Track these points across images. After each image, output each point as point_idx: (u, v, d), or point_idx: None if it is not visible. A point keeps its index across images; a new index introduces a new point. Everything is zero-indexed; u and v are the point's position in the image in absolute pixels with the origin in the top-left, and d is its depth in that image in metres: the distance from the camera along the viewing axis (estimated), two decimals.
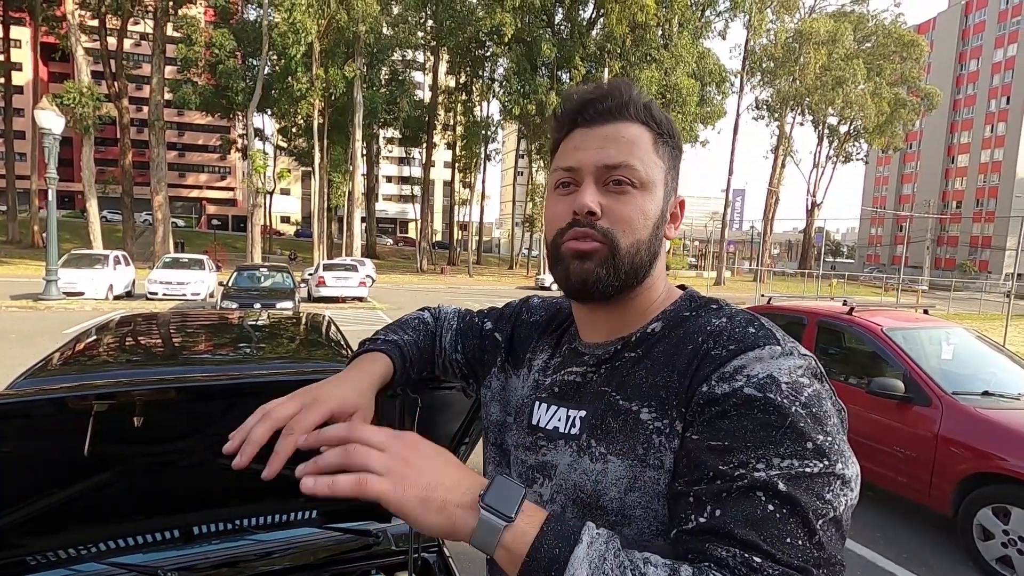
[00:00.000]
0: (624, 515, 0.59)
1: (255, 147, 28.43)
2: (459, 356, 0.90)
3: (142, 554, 1.28)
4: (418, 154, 44.75)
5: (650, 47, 31.10)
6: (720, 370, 0.57)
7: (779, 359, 0.56)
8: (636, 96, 0.68)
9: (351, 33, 27.97)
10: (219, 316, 3.79)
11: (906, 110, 39.60)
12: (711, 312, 0.66)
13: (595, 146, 0.66)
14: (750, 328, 0.61)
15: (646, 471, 0.58)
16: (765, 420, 0.53)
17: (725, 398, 0.55)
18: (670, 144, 0.69)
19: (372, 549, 1.55)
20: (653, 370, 0.63)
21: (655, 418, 0.59)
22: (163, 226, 26.44)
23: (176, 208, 50.99)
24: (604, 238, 0.65)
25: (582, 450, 0.63)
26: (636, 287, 0.68)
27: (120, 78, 27.79)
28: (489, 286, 29.97)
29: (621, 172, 0.65)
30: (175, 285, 15.11)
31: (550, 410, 0.69)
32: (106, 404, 0.82)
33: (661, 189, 0.67)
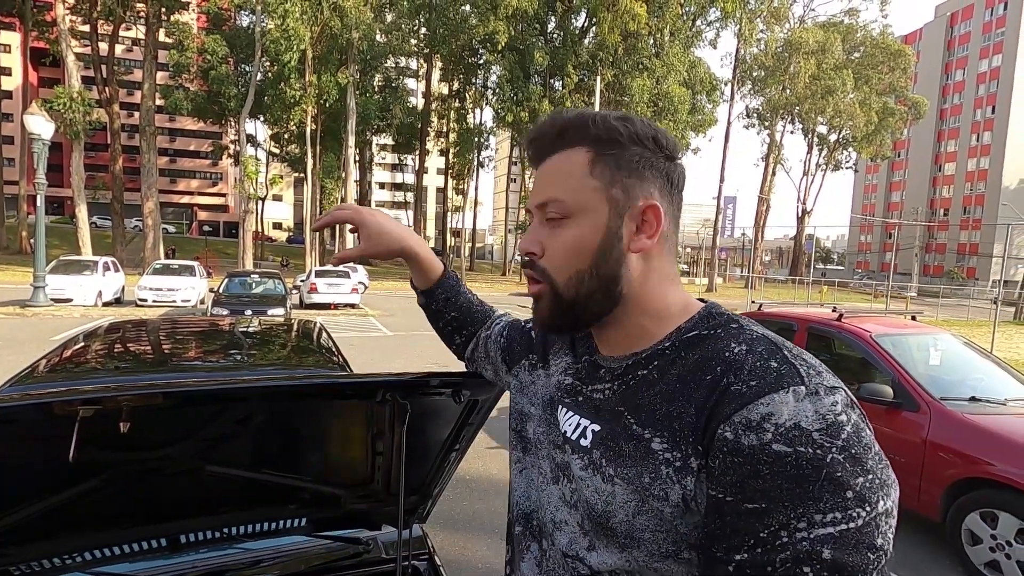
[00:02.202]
0: (633, 538, 0.60)
1: (247, 153, 28.35)
2: (503, 340, 0.97)
3: (129, 563, 1.27)
4: (411, 161, 44.83)
5: (642, 56, 31.37)
6: (743, 413, 0.53)
7: (805, 402, 0.52)
8: (571, 119, 0.67)
9: (344, 40, 28.03)
10: (209, 322, 3.76)
11: (894, 119, 40.14)
12: (730, 335, 0.62)
13: (536, 186, 0.70)
14: (771, 362, 0.56)
15: (650, 500, 0.58)
16: (799, 475, 0.50)
17: (753, 452, 0.52)
18: (615, 155, 0.65)
19: (362, 557, 1.54)
20: (668, 396, 0.61)
21: (666, 449, 0.58)
22: (154, 232, 26.26)
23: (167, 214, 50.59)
24: (543, 277, 0.67)
25: (594, 467, 0.64)
26: (611, 309, 0.67)
27: (111, 83, 27.67)
28: (482, 292, 29.86)
29: (550, 208, 0.67)
30: (165, 292, 14.99)
31: (568, 415, 0.71)
32: (92, 410, 0.81)
33: (601, 209, 0.65)
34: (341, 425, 1.31)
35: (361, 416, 1.25)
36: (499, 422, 5.99)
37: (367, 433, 1.27)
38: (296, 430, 1.25)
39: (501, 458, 4.86)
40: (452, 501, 3.82)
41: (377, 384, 1.08)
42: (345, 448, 1.36)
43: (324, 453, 1.35)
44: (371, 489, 1.38)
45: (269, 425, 1.21)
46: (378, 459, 1.30)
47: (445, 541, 3.30)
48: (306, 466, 1.32)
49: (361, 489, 1.39)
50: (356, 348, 10.00)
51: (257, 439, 1.24)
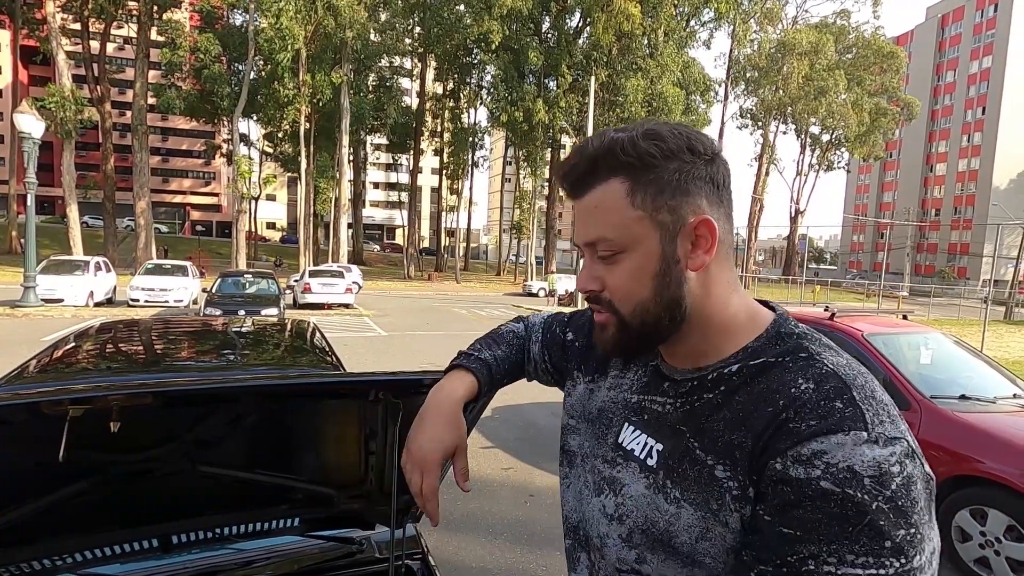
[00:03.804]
0: (694, 560, 0.61)
1: (240, 152, 28.20)
2: (548, 365, 0.96)
3: (119, 564, 1.26)
4: (405, 160, 44.72)
5: (636, 56, 31.45)
6: (796, 449, 0.54)
7: (863, 447, 0.52)
8: (599, 149, 0.65)
9: (338, 39, 27.93)
10: (202, 323, 3.74)
11: (886, 120, 40.43)
12: (798, 366, 0.61)
13: (578, 222, 0.69)
14: (837, 403, 0.56)
15: (716, 526, 0.59)
16: (841, 515, 0.51)
17: (799, 485, 0.53)
18: (653, 177, 0.63)
19: (355, 557, 1.53)
20: (731, 424, 0.61)
21: (728, 477, 0.59)
22: (146, 232, 26.08)
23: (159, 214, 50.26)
24: (609, 309, 0.68)
25: (658, 488, 0.64)
26: (677, 328, 0.66)
27: (103, 82, 27.46)
28: (476, 292, 29.93)
29: (600, 247, 0.66)
30: (158, 292, 14.90)
31: (634, 433, 0.71)
32: (81, 409, 0.81)
33: (651, 238, 0.64)
34: (334, 425, 1.31)
35: (354, 416, 1.25)
36: (493, 423, 6.00)
37: (360, 433, 1.27)
38: (288, 430, 1.25)
39: (495, 459, 4.87)
40: (446, 501, 3.82)
41: (369, 383, 1.08)
42: (338, 448, 1.36)
43: (317, 453, 1.35)
44: (364, 489, 1.38)
45: (261, 425, 1.21)
46: (371, 459, 1.30)
47: (439, 541, 3.30)
48: (299, 466, 1.32)
49: (354, 489, 1.38)
50: (350, 348, 9.97)
51: (249, 439, 1.23)
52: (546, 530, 3.59)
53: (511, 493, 4.16)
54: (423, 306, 20.51)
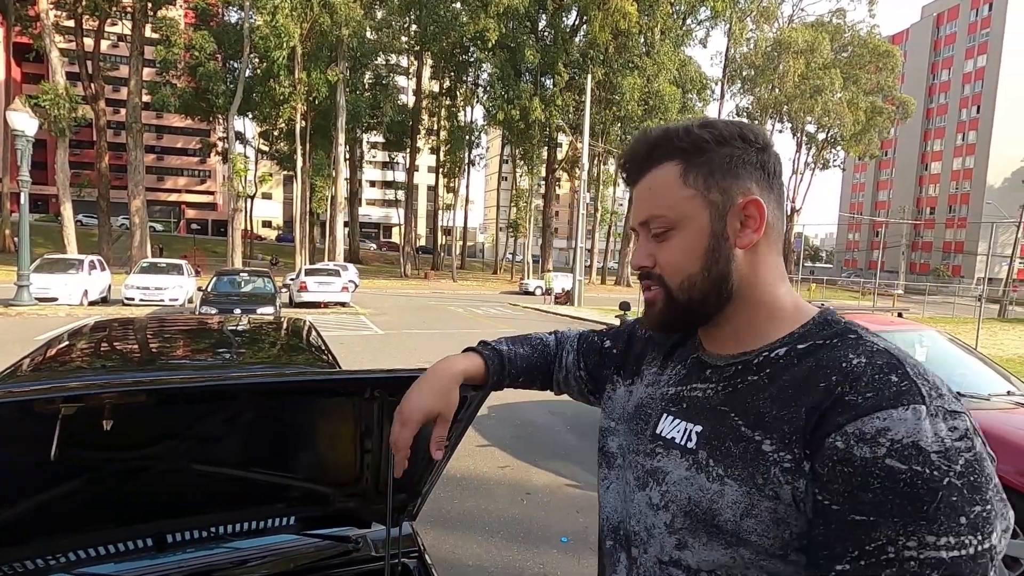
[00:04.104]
0: (739, 537, 0.60)
1: (236, 150, 28.10)
2: (583, 373, 0.98)
3: (114, 564, 1.25)
4: (402, 159, 44.64)
5: (632, 54, 31.46)
6: (856, 425, 0.53)
7: (926, 422, 0.52)
8: (655, 136, 0.70)
9: (334, 37, 27.84)
10: (197, 321, 3.72)
11: (882, 118, 40.56)
12: (848, 345, 0.62)
13: (635, 204, 0.73)
14: (892, 376, 0.56)
15: (763, 501, 0.58)
16: (913, 494, 0.50)
17: (865, 465, 0.52)
18: (706, 159, 0.67)
19: (351, 555, 1.52)
20: (778, 401, 0.61)
21: (776, 450, 0.59)
22: (140, 230, 25.98)
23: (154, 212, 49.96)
24: (659, 283, 0.71)
25: (699, 467, 0.64)
26: (723, 307, 0.69)
27: (97, 79, 27.33)
28: (473, 291, 29.92)
29: (654, 225, 0.70)
30: (153, 290, 14.84)
31: (674, 422, 0.71)
32: (74, 407, 0.80)
33: (702, 216, 0.67)
34: (329, 423, 1.30)
35: (349, 413, 1.24)
36: (490, 421, 5.99)
37: (355, 431, 1.26)
38: (284, 428, 1.24)
39: (491, 457, 4.87)
40: (443, 500, 3.82)
41: (365, 381, 1.08)
42: (333, 446, 1.35)
43: (312, 451, 1.34)
44: (360, 487, 1.37)
45: (256, 423, 1.20)
46: (367, 457, 1.29)
47: (436, 540, 3.30)
48: (294, 464, 1.31)
49: (350, 487, 1.38)
50: (347, 347, 9.96)
51: (244, 437, 1.23)
52: (543, 528, 3.59)
53: (508, 491, 4.16)
54: (419, 305, 20.49)
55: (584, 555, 3.28)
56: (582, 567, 3.16)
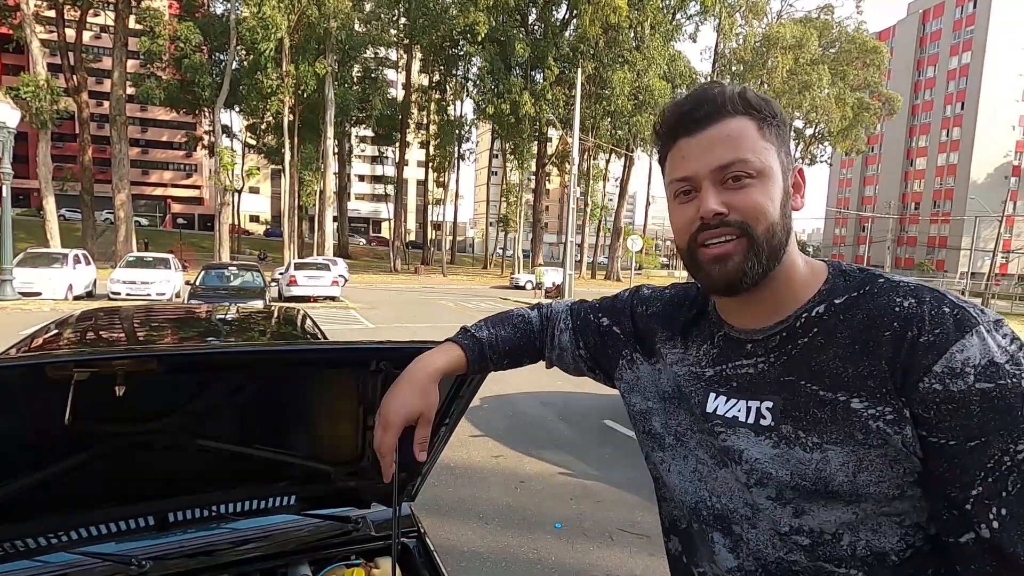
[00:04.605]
0: (857, 494, 0.62)
1: (223, 144, 27.76)
2: (583, 352, 0.95)
3: (115, 543, 1.25)
4: (391, 153, 44.35)
5: (623, 48, 31.46)
6: (943, 363, 0.58)
7: (988, 339, 0.58)
8: (730, 91, 0.69)
9: (322, 29, 27.54)
10: (186, 310, 3.69)
11: (868, 114, 40.90)
12: (885, 289, 0.65)
13: (703, 151, 0.68)
14: (944, 308, 0.61)
15: (871, 452, 0.61)
16: (1006, 405, 0.56)
17: (963, 396, 0.57)
18: (774, 123, 0.69)
19: (350, 535, 1.53)
20: (848, 358, 0.63)
21: (868, 406, 0.61)
22: (125, 225, 25.60)
23: (139, 207, 49.23)
24: (739, 231, 0.67)
25: (789, 441, 0.65)
26: (781, 261, 0.69)
27: (79, 71, 26.81)
28: (463, 285, 29.88)
29: (736, 168, 0.67)
30: (139, 285, 14.64)
31: (728, 402, 0.71)
32: (87, 373, 0.79)
33: (778, 169, 0.68)
34: (333, 398, 1.30)
35: (353, 388, 1.25)
36: (482, 411, 6.01)
37: (359, 406, 1.26)
38: (288, 403, 1.24)
39: (484, 447, 4.88)
40: (437, 487, 3.83)
41: (373, 352, 1.08)
42: (336, 422, 1.35)
43: (315, 428, 1.34)
44: (361, 466, 1.38)
45: (261, 397, 1.20)
46: (368, 433, 1.30)
47: (431, 527, 3.29)
48: (297, 441, 1.31)
49: (351, 466, 1.38)
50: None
51: (249, 412, 1.23)
52: (536, 514, 3.62)
53: (501, 480, 4.18)
54: (410, 299, 20.44)
55: (577, 540, 3.32)
56: (575, 552, 3.20)
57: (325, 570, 1.45)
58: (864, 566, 0.63)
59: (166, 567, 1.26)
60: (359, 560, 1.52)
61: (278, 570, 1.41)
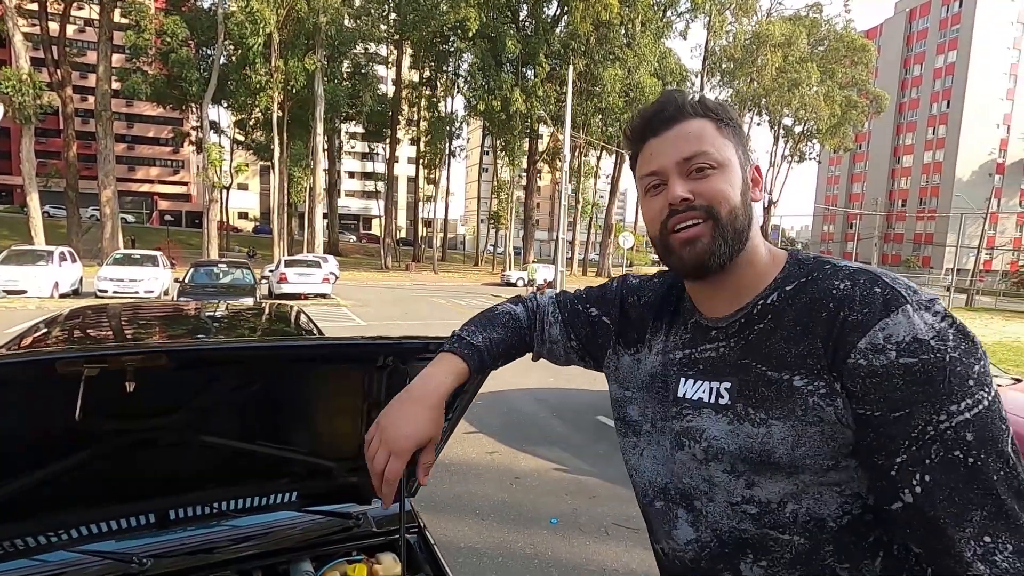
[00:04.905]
0: (795, 466, 0.67)
1: (211, 140, 27.46)
2: (574, 343, 0.98)
3: (115, 541, 1.23)
4: (382, 149, 44.08)
5: (614, 45, 31.47)
6: (866, 339, 0.62)
7: (915, 317, 0.62)
8: (689, 98, 0.77)
9: (311, 24, 27.28)
10: (175, 307, 3.65)
11: (856, 112, 41.29)
12: (828, 273, 0.71)
13: (669, 147, 0.76)
14: (876, 288, 0.65)
15: (808, 428, 0.66)
16: (928, 378, 0.60)
17: (886, 370, 0.61)
18: (731, 125, 0.77)
19: (351, 531, 1.53)
20: (791, 339, 0.69)
21: (807, 383, 0.66)
22: (112, 221, 25.26)
23: (126, 203, 48.63)
24: (705, 214, 0.73)
25: (740, 417, 0.71)
26: (742, 251, 0.75)
27: (63, 65, 26.34)
28: (455, 283, 29.82)
29: (699, 160, 0.74)
30: (127, 282, 14.47)
31: (696, 384, 0.77)
32: (97, 369, 0.78)
33: (736, 161, 0.75)
34: (336, 393, 1.30)
35: (358, 383, 1.24)
36: (477, 408, 6.00)
37: (363, 402, 1.26)
38: (292, 399, 1.23)
39: (479, 443, 4.89)
40: (433, 484, 3.83)
41: (380, 347, 1.08)
42: (340, 417, 1.35)
43: (319, 423, 1.34)
44: (362, 462, 1.38)
45: (267, 393, 1.19)
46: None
47: (427, 523, 3.31)
48: (300, 437, 1.31)
49: (353, 462, 1.38)
50: None
51: (254, 408, 1.22)
52: (532, 510, 3.63)
53: (496, 476, 4.19)
54: (401, 296, 20.37)
55: (573, 535, 3.33)
56: (571, 547, 3.21)
57: (327, 566, 1.45)
58: (805, 532, 0.69)
59: (166, 565, 1.25)
60: (360, 556, 1.51)
61: (279, 567, 1.40)
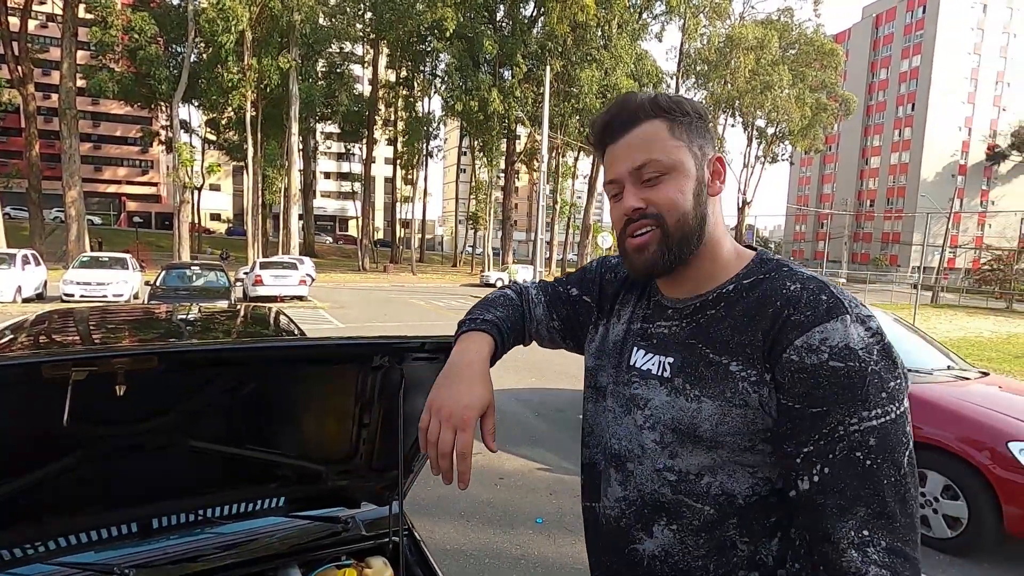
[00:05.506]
0: (716, 442, 0.73)
1: (181, 139, 26.82)
2: (556, 323, 1.01)
3: (94, 552, 1.19)
4: (358, 150, 43.61)
5: (590, 47, 31.66)
6: (804, 338, 0.67)
7: (851, 327, 0.67)
8: (642, 99, 0.80)
9: (285, 22, 26.84)
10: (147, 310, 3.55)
11: (826, 114, 42.26)
12: (784, 275, 0.76)
13: (623, 155, 0.80)
14: (822, 296, 0.70)
15: (733, 409, 0.72)
16: (850, 383, 0.65)
17: (815, 369, 0.66)
18: (685, 121, 0.79)
19: (340, 536, 1.50)
20: (737, 328, 0.74)
21: (742, 369, 0.72)
22: (77, 223, 24.48)
23: (92, 204, 47.08)
24: (655, 221, 0.78)
25: (677, 391, 0.77)
26: (697, 249, 0.79)
27: (24, 61, 25.43)
28: (433, 284, 29.66)
29: (649, 168, 0.78)
30: (94, 286, 14.02)
31: (646, 356, 0.83)
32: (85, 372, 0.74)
33: (690, 162, 0.78)
34: (328, 394, 1.27)
35: (351, 384, 1.22)
36: None
37: (354, 404, 1.24)
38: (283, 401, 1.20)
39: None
40: (417, 486, 3.75)
41: (376, 347, 1.06)
42: (330, 420, 1.32)
43: (309, 426, 1.31)
44: (353, 464, 1.35)
45: (257, 395, 1.16)
46: (363, 432, 1.27)
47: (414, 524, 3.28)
48: (289, 440, 1.28)
49: (343, 464, 1.36)
50: None
51: (244, 411, 1.18)
52: (517, 510, 3.62)
53: (481, 476, 4.17)
54: (380, 298, 20.17)
55: (559, 534, 3.34)
56: (557, 546, 3.21)
57: (315, 572, 1.42)
58: (715, 503, 0.75)
59: (149, 575, 1.21)
60: (350, 560, 1.49)
61: (267, 573, 1.37)
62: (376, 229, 53.06)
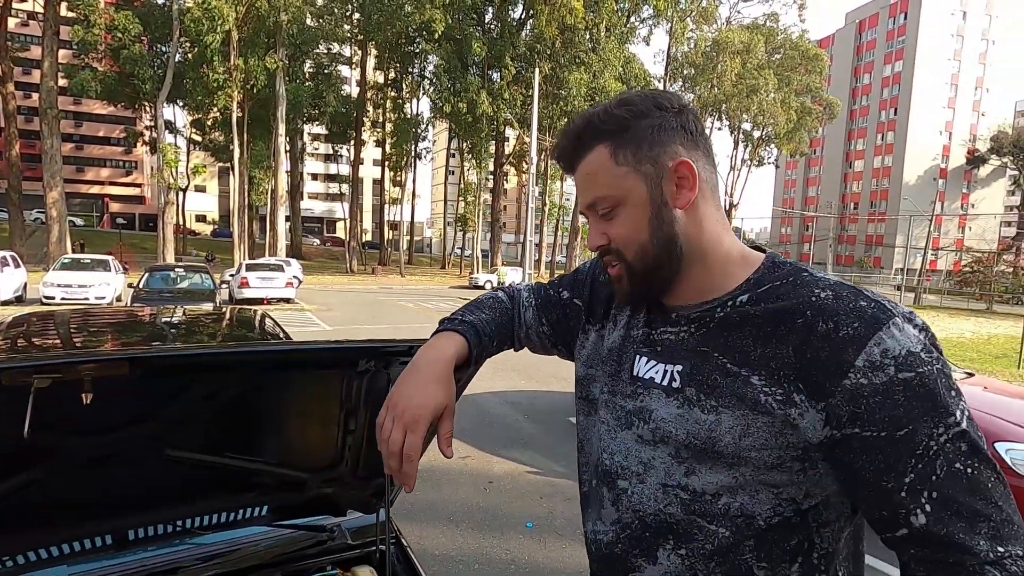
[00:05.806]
0: (739, 457, 0.66)
1: (166, 140, 26.48)
2: (546, 328, 0.96)
3: (66, 566, 1.14)
4: (346, 151, 43.39)
5: (579, 50, 31.80)
6: (864, 356, 0.60)
7: (905, 332, 0.61)
8: (584, 122, 0.73)
9: (272, 22, 26.64)
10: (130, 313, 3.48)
11: (811, 118, 42.82)
12: (806, 282, 0.68)
13: (579, 190, 0.76)
14: (862, 302, 0.63)
15: (757, 419, 0.65)
16: (925, 392, 0.59)
17: (887, 387, 0.59)
18: (630, 136, 0.71)
19: (325, 545, 1.46)
20: (759, 339, 0.67)
21: (765, 384, 0.65)
22: (59, 224, 24.08)
23: (74, 205, 46.32)
24: (618, 258, 0.75)
25: (691, 402, 0.69)
26: (679, 266, 0.73)
27: (4, 60, 24.99)
28: (422, 286, 29.55)
29: (599, 206, 0.74)
30: (76, 288, 13.77)
31: (648, 363, 0.76)
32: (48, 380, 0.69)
33: (639, 188, 0.71)
34: (311, 400, 1.23)
35: (336, 389, 1.18)
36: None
37: (339, 410, 1.20)
38: (264, 407, 1.16)
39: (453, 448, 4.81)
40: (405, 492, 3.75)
41: (362, 350, 1.02)
42: (315, 426, 1.28)
43: (292, 432, 1.27)
44: (338, 472, 1.32)
45: (236, 402, 1.12)
46: (349, 438, 1.24)
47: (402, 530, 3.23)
48: (272, 448, 1.23)
49: (328, 472, 1.32)
50: None
51: (223, 419, 1.14)
52: (507, 514, 3.59)
53: (471, 480, 4.13)
54: (368, 300, 20.04)
55: (548, 539, 3.31)
56: (547, 550, 3.18)
57: None
58: (732, 525, 0.68)
59: None
60: (335, 570, 1.45)
61: None
62: (364, 231, 52.73)
